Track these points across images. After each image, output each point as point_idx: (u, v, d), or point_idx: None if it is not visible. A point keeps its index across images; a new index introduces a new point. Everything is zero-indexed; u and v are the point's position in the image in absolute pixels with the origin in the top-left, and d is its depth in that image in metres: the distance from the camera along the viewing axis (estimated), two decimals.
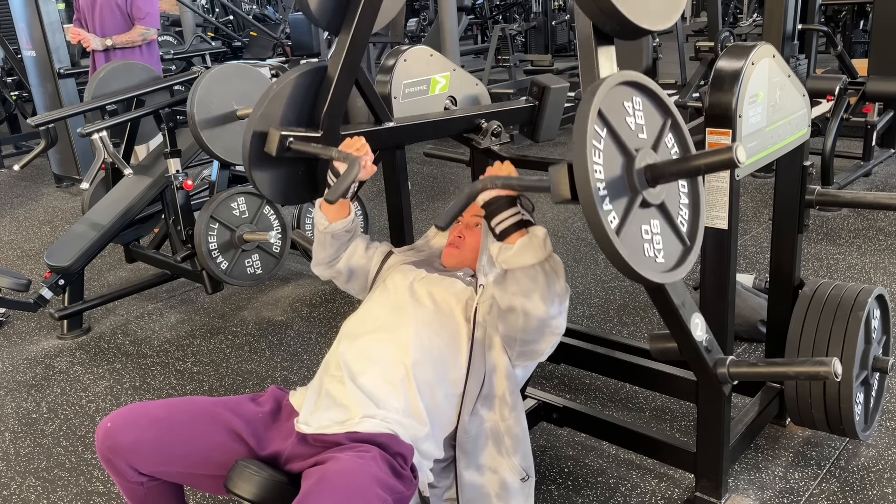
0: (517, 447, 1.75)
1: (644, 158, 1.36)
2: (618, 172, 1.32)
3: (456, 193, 4.95)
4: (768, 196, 4.35)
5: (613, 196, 1.30)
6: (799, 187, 2.07)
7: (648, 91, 1.43)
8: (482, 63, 8.07)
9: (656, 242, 1.40)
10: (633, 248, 1.33)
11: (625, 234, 1.31)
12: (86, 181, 3.46)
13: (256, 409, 1.69)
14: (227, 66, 3.22)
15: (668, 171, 1.35)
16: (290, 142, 1.83)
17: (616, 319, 3.11)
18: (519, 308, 1.59)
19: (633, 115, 1.39)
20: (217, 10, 9.77)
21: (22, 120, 6.91)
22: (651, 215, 1.39)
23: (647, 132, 1.42)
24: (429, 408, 1.66)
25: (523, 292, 1.57)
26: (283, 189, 1.94)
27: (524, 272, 1.56)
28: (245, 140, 1.84)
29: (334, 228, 1.91)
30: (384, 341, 1.71)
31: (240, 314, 3.47)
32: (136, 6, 4.62)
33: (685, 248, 1.46)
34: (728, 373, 1.71)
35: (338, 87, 1.90)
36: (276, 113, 1.87)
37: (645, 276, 1.33)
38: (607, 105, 1.32)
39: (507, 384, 1.73)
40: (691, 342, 1.66)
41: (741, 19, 8.39)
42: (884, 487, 2.05)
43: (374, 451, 1.50)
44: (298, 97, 1.90)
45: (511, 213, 1.55)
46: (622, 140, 1.33)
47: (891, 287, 3.18)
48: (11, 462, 2.45)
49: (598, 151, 1.28)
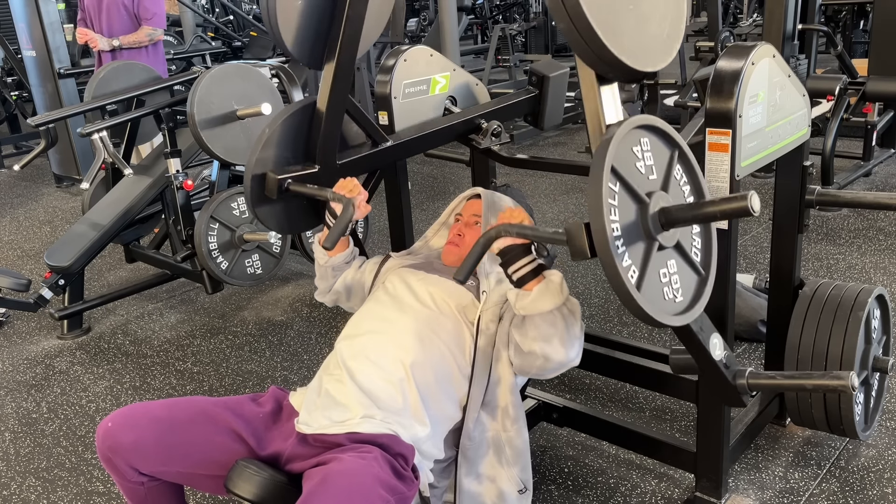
0: (517, 459, 1.77)
1: (657, 202, 1.38)
2: (633, 222, 1.35)
3: (456, 194, 4.95)
4: (768, 196, 4.34)
5: (631, 248, 1.33)
6: (799, 187, 2.06)
7: (654, 129, 1.45)
8: (482, 63, 8.07)
9: (674, 282, 1.43)
10: (653, 297, 1.36)
11: (645, 286, 1.34)
12: (86, 181, 3.46)
13: (257, 410, 1.69)
14: (227, 66, 3.22)
15: (682, 217, 1.37)
16: (288, 183, 1.90)
17: (616, 319, 3.11)
18: (539, 353, 1.61)
19: (643, 157, 1.41)
20: (217, 10, 9.77)
21: (22, 120, 6.91)
22: (667, 256, 1.42)
23: (656, 171, 1.44)
24: (429, 408, 1.66)
25: (543, 337, 1.59)
26: (288, 222, 2.02)
27: (543, 318, 1.58)
28: (245, 185, 1.90)
29: (334, 262, 1.99)
30: (383, 341, 1.71)
31: (240, 314, 3.47)
32: (143, 6, 4.61)
33: (701, 280, 1.49)
34: (747, 384, 1.74)
35: (328, 121, 1.94)
36: (271, 155, 1.93)
37: (667, 323, 1.36)
38: (618, 158, 1.33)
39: (511, 398, 1.74)
40: (710, 362, 1.69)
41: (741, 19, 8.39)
42: (884, 487, 2.05)
43: (376, 452, 1.50)
44: (291, 136, 1.96)
45: (527, 260, 1.57)
46: (635, 190, 1.35)
47: (891, 287, 3.18)
48: (11, 462, 2.45)
49: (613, 209, 1.30)
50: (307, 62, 1.96)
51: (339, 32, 1.87)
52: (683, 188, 1.51)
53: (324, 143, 1.95)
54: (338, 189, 1.86)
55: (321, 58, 1.93)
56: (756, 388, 1.74)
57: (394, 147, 2.10)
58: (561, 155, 5.84)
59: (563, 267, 3.65)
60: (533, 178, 5.15)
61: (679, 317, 1.41)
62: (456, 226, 1.96)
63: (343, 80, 1.93)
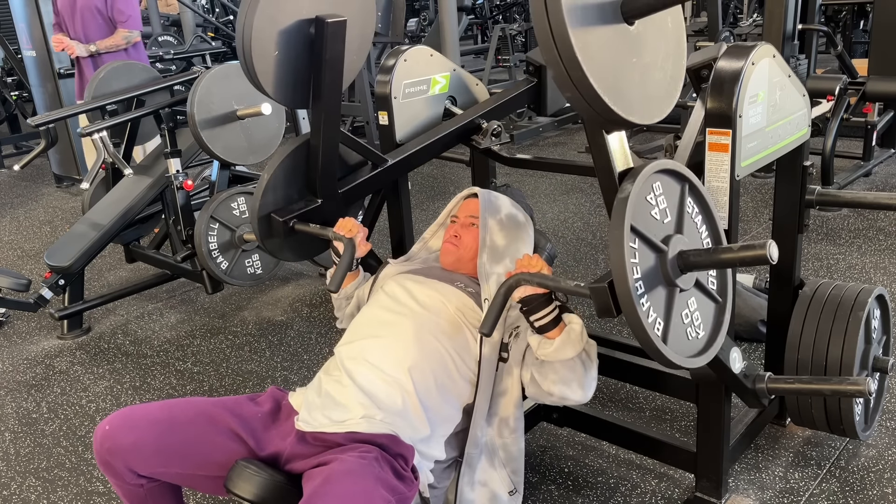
0: (509, 461, 1.79)
1: (675, 247, 1.41)
2: (654, 272, 1.38)
3: (456, 193, 4.95)
4: (768, 196, 4.35)
5: (654, 298, 1.36)
6: (799, 187, 2.06)
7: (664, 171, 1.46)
8: (482, 63, 8.07)
9: (695, 319, 1.46)
10: (678, 342, 1.39)
11: (671, 336, 1.37)
12: (86, 181, 3.46)
13: (255, 410, 1.69)
14: (227, 66, 3.22)
15: (701, 262, 1.40)
16: (293, 223, 1.99)
17: (616, 319, 3.10)
18: (557, 394, 1.66)
19: (656, 203, 1.43)
20: (217, 10, 9.77)
21: (22, 120, 6.91)
22: (687, 297, 1.45)
23: (670, 213, 1.46)
24: (428, 409, 1.66)
25: (562, 381, 1.64)
26: (299, 251, 2.13)
27: (563, 364, 1.62)
28: (253, 227, 2.01)
29: (347, 292, 2.06)
30: (382, 344, 1.71)
31: (240, 314, 3.47)
32: (116, 9, 4.50)
33: (718, 307, 1.52)
34: (766, 388, 1.78)
35: (324, 157, 2.00)
36: (272, 199, 2.00)
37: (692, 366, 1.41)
38: (635, 215, 1.35)
39: (514, 411, 1.76)
40: (732, 375, 1.73)
41: (741, 19, 8.39)
42: (884, 487, 2.05)
43: (376, 452, 1.50)
44: (290, 176, 2.03)
45: (549, 310, 1.60)
46: (653, 241, 1.38)
47: (891, 287, 3.18)
48: (11, 462, 2.45)
49: (635, 267, 1.32)
50: (292, 105, 2.00)
51: (320, 76, 1.90)
52: (696, 220, 1.54)
53: (322, 177, 2.02)
54: (338, 229, 1.94)
55: (305, 98, 1.96)
56: (775, 392, 1.78)
57: (393, 166, 2.14)
58: (561, 155, 5.84)
59: (561, 266, 3.65)
60: (533, 178, 5.15)
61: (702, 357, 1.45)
62: (452, 227, 1.96)
63: (333, 118, 1.98)
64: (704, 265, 1.40)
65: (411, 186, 2.79)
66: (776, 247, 1.30)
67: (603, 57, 1.27)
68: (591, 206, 4.52)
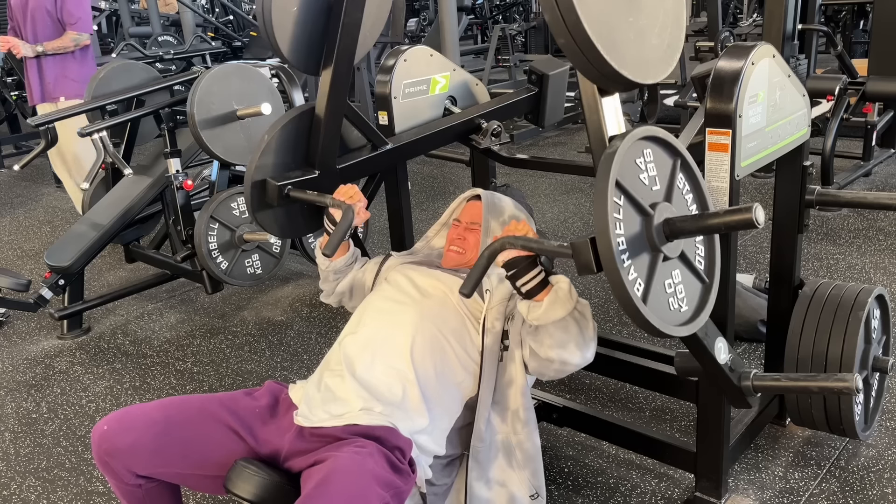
0: (528, 462, 1.76)
1: (661, 214, 1.39)
2: (638, 235, 1.36)
3: (456, 194, 4.95)
4: (768, 196, 4.35)
5: (636, 260, 1.33)
6: (799, 187, 2.07)
7: (656, 139, 1.45)
8: (482, 63, 8.07)
9: (679, 292, 1.44)
10: (658, 308, 1.37)
11: (651, 299, 1.34)
12: (86, 181, 3.45)
13: (253, 405, 1.69)
14: (227, 66, 3.22)
15: (687, 228, 1.38)
16: (288, 190, 1.91)
17: (616, 319, 3.11)
18: (556, 358, 1.62)
19: (645, 168, 1.42)
20: (217, 10, 9.77)
21: (22, 120, 6.90)
22: (672, 267, 1.43)
23: (659, 182, 1.44)
24: (428, 399, 1.66)
25: (559, 344, 1.61)
26: (289, 227, 2.04)
27: (556, 326, 1.60)
28: (245, 191, 1.92)
29: (336, 266, 2.01)
30: (385, 334, 1.71)
31: (240, 314, 3.47)
32: (66, 11, 4.41)
33: (705, 287, 1.50)
34: (752, 386, 1.74)
35: (327, 127, 1.95)
36: (271, 162, 1.94)
37: (672, 334, 1.37)
38: (622, 172, 1.34)
39: (523, 401, 1.74)
40: (716, 365, 1.69)
41: (741, 19, 8.39)
42: (884, 487, 2.05)
43: (372, 447, 1.50)
44: (290, 142, 1.97)
45: (534, 273, 1.57)
46: (639, 202, 1.36)
47: (891, 287, 3.18)
48: (11, 462, 2.45)
49: (618, 222, 1.30)
50: (304, 68, 1.97)
51: (335, 40, 1.88)
52: (686, 196, 1.52)
53: (323, 148, 1.96)
54: (338, 195, 1.87)
55: (318, 64, 1.93)
56: (761, 389, 1.75)
57: (393, 150, 2.11)
58: (561, 155, 5.84)
59: (562, 267, 3.65)
60: (533, 178, 5.15)
61: (684, 327, 1.42)
62: (455, 229, 1.96)
63: (341, 86, 1.94)
64: (690, 231, 1.38)
65: (411, 186, 2.79)
66: (762, 210, 1.28)
67: (599, 8, 1.28)
68: (591, 207, 4.52)
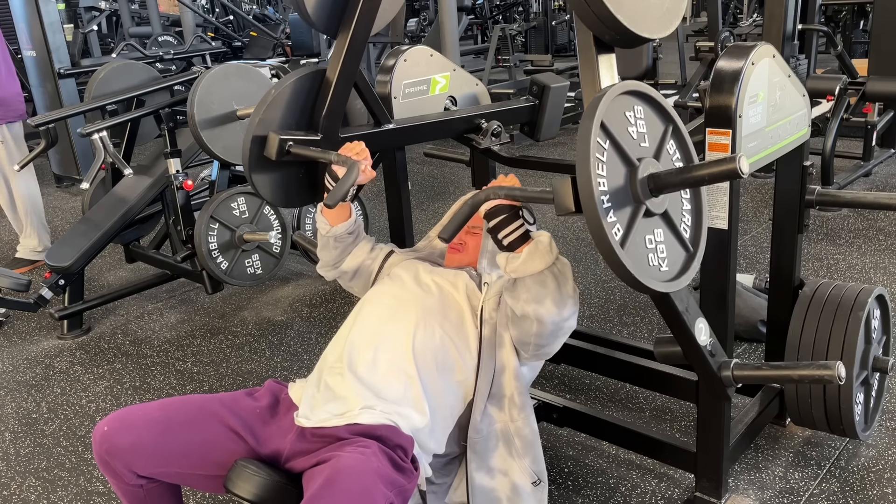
0: (527, 449, 1.75)
1: (647, 168, 1.37)
2: (621, 183, 1.33)
3: (456, 194, 4.95)
4: (768, 196, 4.35)
5: (617, 207, 1.31)
6: (799, 187, 2.07)
7: (649, 99, 1.44)
8: (482, 63, 8.07)
9: (660, 251, 1.41)
10: (637, 258, 1.34)
11: (629, 246, 1.32)
12: (86, 181, 3.45)
13: (253, 405, 1.69)
14: (227, 66, 3.22)
15: (671, 181, 1.36)
16: (290, 146, 1.84)
17: (616, 319, 3.11)
18: (532, 314, 1.60)
19: (635, 124, 1.40)
20: (217, 10, 9.77)
21: None
22: (654, 224, 1.40)
23: (648, 140, 1.42)
24: (430, 397, 1.66)
25: (535, 299, 1.58)
26: (283, 193, 1.96)
27: (534, 279, 1.57)
28: (245, 145, 1.85)
29: (336, 232, 1.93)
30: (387, 329, 1.71)
31: (240, 314, 3.47)
32: None
33: (689, 255, 1.47)
34: (732, 376, 1.71)
35: (336, 91, 1.90)
36: (274, 117, 1.88)
37: (649, 287, 1.34)
38: (609, 116, 1.32)
39: (516, 384, 1.73)
40: (695, 347, 1.66)
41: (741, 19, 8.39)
42: (884, 487, 2.05)
43: (374, 447, 1.49)
44: (297, 101, 1.91)
45: (516, 225, 1.56)
46: (625, 151, 1.34)
47: (891, 287, 3.18)
48: (11, 462, 2.45)
49: (601, 164, 1.29)
50: (323, 29, 1.92)
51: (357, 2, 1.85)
52: (676, 164, 1.50)
53: (328, 112, 1.91)
54: (343, 151, 1.81)
55: (337, 26, 1.90)
56: (742, 379, 1.72)
57: (395, 130, 2.07)
58: (561, 155, 5.84)
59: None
60: (533, 178, 5.15)
61: (662, 283, 1.38)
62: None
63: (356, 51, 1.90)
64: (675, 183, 1.36)
65: (411, 186, 2.79)
66: (745, 160, 1.26)
67: None
68: None
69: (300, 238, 3.20)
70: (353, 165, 1.73)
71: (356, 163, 1.74)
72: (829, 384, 1.82)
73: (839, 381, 1.51)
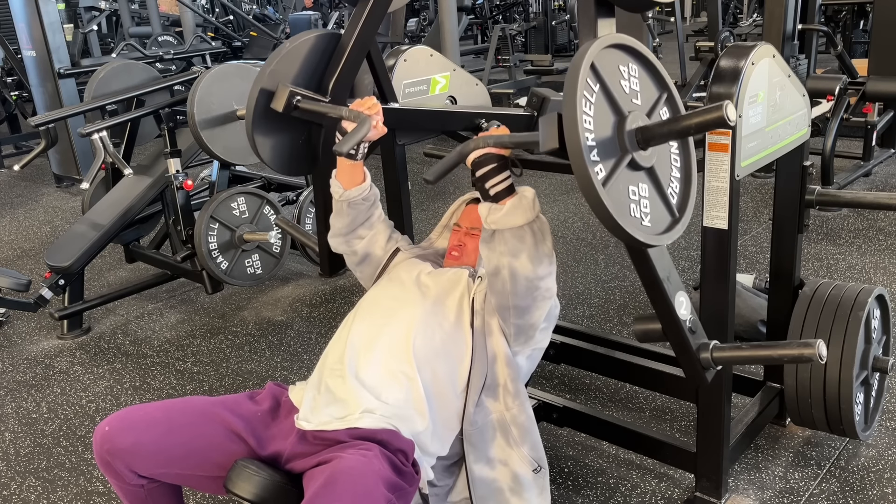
0: (525, 436, 1.74)
1: (636, 120, 1.36)
2: (608, 129, 1.33)
3: (456, 194, 4.95)
4: (768, 196, 4.35)
5: (602, 150, 1.30)
6: (799, 187, 2.07)
7: (646, 62, 1.44)
8: (482, 63, 8.07)
9: (643, 206, 1.39)
10: (618, 203, 1.32)
11: (611, 188, 1.30)
12: (86, 181, 3.46)
13: (255, 408, 1.69)
14: (227, 66, 3.22)
15: (659, 132, 1.35)
16: (298, 100, 1.80)
17: (616, 319, 3.11)
18: (506, 268, 1.59)
19: (629, 80, 1.39)
20: (217, 10, 9.77)
21: (22, 120, 6.90)
22: (640, 178, 1.39)
23: (641, 100, 1.42)
24: (431, 399, 1.65)
25: (511, 252, 1.58)
26: (281, 156, 1.91)
27: (512, 233, 1.58)
28: (251, 96, 1.79)
29: (349, 195, 1.87)
30: (388, 331, 1.71)
31: (240, 314, 3.47)
32: None
33: (673, 220, 1.46)
34: (711, 357, 1.66)
35: (350, 57, 1.88)
36: (285, 72, 1.84)
37: (627, 231, 1.31)
38: (602, 62, 1.32)
39: (509, 371, 1.72)
40: (675, 321, 1.62)
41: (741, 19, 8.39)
42: (884, 487, 2.05)
43: (376, 450, 1.49)
44: (310, 60, 1.88)
45: (503, 177, 1.57)
46: (615, 98, 1.34)
47: (891, 287, 3.18)
48: (11, 462, 2.45)
49: (588, 103, 1.28)
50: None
51: None
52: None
53: (339, 76, 1.89)
54: (356, 106, 1.78)
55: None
56: (721, 361, 1.66)
57: (399, 111, 2.05)
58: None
59: (561, 266, 3.65)
60: (533, 178, 5.15)
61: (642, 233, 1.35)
62: (455, 235, 1.96)
63: (375, 19, 1.89)
64: (663, 134, 1.35)
65: (411, 186, 2.79)
66: (733, 107, 1.26)
67: None
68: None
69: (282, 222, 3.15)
70: (365, 120, 1.70)
71: (368, 117, 1.71)
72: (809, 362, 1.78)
73: (820, 360, 1.47)
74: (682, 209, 1.48)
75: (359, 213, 1.91)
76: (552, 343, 2.43)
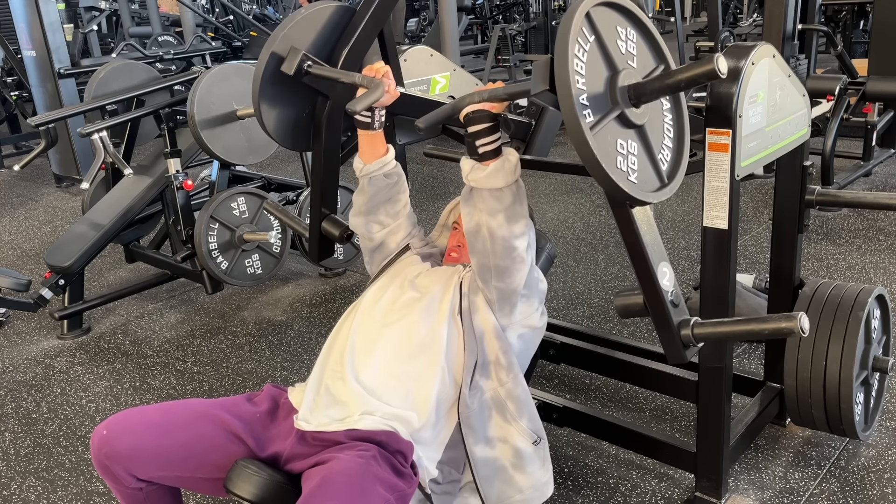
0: (521, 410, 1.73)
1: (629, 78, 1.37)
2: (600, 80, 1.33)
3: (456, 194, 4.95)
4: (768, 196, 4.35)
5: (592, 99, 1.30)
6: (799, 187, 2.07)
7: (646, 31, 1.44)
8: (482, 63, 8.07)
9: (631, 162, 1.39)
10: (604, 151, 1.32)
11: (598, 136, 1.30)
12: (86, 181, 3.46)
13: (254, 409, 1.68)
14: (227, 66, 3.22)
15: (651, 87, 1.35)
16: (309, 65, 1.80)
17: (616, 319, 3.11)
18: (484, 226, 1.62)
19: (626, 42, 1.40)
20: (217, 10, 9.78)
21: (22, 120, 6.90)
22: (629, 136, 1.39)
23: (637, 63, 1.42)
24: (432, 399, 1.65)
25: (489, 211, 1.61)
26: (285, 127, 1.90)
27: (490, 193, 1.60)
28: (261, 61, 1.78)
29: (369, 170, 1.87)
30: (388, 332, 1.71)
31: (240, 314, 3.47)
32: None
33: (661, 185, 1.47)
34: (692, 334, 1.62)
35: (364, 31, 1.88)
36: (298, 38, 1.83)
37: (612, 179, 1.31)
38: (598, 15, 1.33)
39: (499, 344, 1.71)
40: (657, 292, 1.60)
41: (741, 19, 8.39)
42: (884, 487, 2.05)
43: (374, 451, 1.50)
44: (324, 31, 1.88)
45: (493, 139, 1.59)
46: (609, 52, 1.34)
47: (891, 287, 3.18)
48: (11, 462, 2.45)
49: (581, 49, 1.29)
50: None
51: None
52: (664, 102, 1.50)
53: (352, 48, 1.88)
54: (368, 71, 1.78)
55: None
56: (702, 337, 1.62)
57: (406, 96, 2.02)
58: (561, 155, 5.84)
59: (561, 266, 3.65)
60: (533, 178, 5.15)
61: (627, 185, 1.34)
62: (454, 235, 1.96)
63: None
64: (654, 90, 1.35)
65: (411, 186, 2.79)
66: (724, 59, 1.26)
67: None
68: (591, 206, 4.53)
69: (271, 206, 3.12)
70: (378, 84, 1.71)
71: (380, 82, 1.72)
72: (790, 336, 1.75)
73: (802, 333, 1.44)
74: (672, 177, 1.49)
75: (379, 190, 1.89)
76: (552, 343, 2.44)
